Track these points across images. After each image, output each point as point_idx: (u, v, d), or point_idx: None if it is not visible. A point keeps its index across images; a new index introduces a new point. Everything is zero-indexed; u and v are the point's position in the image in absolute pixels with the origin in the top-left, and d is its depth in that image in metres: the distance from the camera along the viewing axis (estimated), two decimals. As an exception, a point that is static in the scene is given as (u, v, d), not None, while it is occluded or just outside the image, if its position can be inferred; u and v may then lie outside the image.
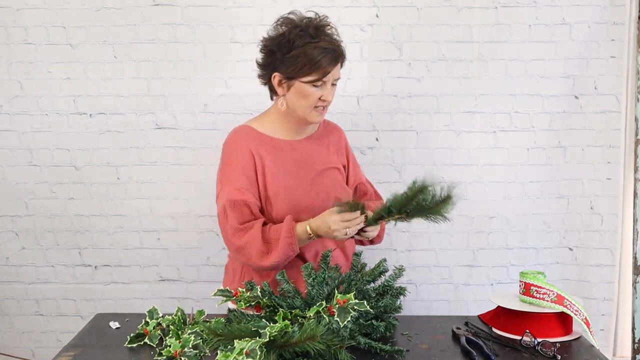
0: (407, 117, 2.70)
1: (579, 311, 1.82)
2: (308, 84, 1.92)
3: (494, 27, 2.65)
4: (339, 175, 2.11)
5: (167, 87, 2.67)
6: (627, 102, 2.62)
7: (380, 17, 2.65)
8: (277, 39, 1.94)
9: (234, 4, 2.62)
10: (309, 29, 1.92)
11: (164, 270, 2.78)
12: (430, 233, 2.76)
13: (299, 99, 1.95)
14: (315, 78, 1.91)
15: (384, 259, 1.89)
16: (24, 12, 2.62)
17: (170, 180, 2.72)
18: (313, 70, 1.90)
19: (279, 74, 1.95)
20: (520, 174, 2.72)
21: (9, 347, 2.78)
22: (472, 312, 2.43)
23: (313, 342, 1.49)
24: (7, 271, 2.76)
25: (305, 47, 1.90)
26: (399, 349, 1.66)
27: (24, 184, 2.71)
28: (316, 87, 1.93)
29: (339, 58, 1.95)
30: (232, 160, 2.00)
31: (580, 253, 2.76)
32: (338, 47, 1.94)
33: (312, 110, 1.97)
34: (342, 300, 1.61)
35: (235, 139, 2.03)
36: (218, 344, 1.53)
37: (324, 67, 1.90)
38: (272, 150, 2.01)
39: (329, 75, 1.92)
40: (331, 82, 1.95)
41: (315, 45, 1.89)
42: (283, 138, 2.05)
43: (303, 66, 1.90)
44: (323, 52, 1.90)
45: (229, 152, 2.02)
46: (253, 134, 2.03)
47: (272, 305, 1.73)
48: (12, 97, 2.67)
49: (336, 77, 1.96)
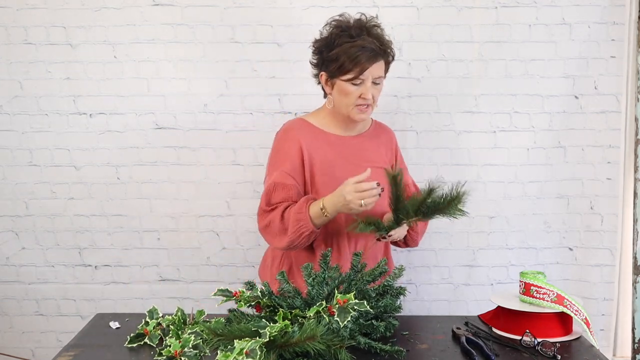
0: (407, 117, 2.70)
1: (579, 311, 1.82)
2: (347, 82, 1.99)
3: (494, 27, 2.65)
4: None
5: (167, 87, 2.66)
6: (627, 102, 2.62)
7: (380, 17, 2.63)
8: (324, 40, 2.04)
9: (234, 4, 2.62)
10: (351, 29, 1.99)
11: (164, 270, 2.78)
12: (430, 233, 2.75)
13: (340, 97, 2.02)
14: (353, 76, 1.97)
15: (384, 259, 1.89)
16: (24, 12, 2.62)
17: (170, 180, 2.72)
18: (350, 68, 1.97)
19: (325, 73, 2.04)
20: (520, 174, 2.72)
21: (9, 347, 2.78)
22: (472, 312, 2.43)
23: (313, 342, 1.49)
24: (7, 271, 2.76)
25: (344, 46, 1.97)
26: (398, 349, 1.66)
27: (24, 184, 2.71)
28: (355, 85, 1.99)
29: (377, 56, 1.99)
30: (281, 149, 2.09)
31: (580, 253, 2.76)
32: (378, 46, 1.98)
33: (354, 108, 2.03)
34: (342, 300, 1.61)
35: (286, 130, 2.12)
36: (218, 344, 1.53)
37: (360, 65, 1.96)
38: (323, 143, 2.08)
39: (366, 73, 1.97)
40: (371, 80, 2.00)
41: (353, 44, 1.96)
42: (335, 133, 2.11)
43: (342, 64, 1.97)
44: (359, 51, 1.95)
45: (279, 141, 2.11)
46: (306, 126, 2.11)
47: (272, 305, 1.73)
48: (12, 97, 2.67)
49: (376, 75, 2.00)
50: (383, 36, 2.04)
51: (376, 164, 2.11)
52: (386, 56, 2.04)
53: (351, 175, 1.95)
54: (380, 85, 2.05)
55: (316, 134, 2.10)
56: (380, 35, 2.03)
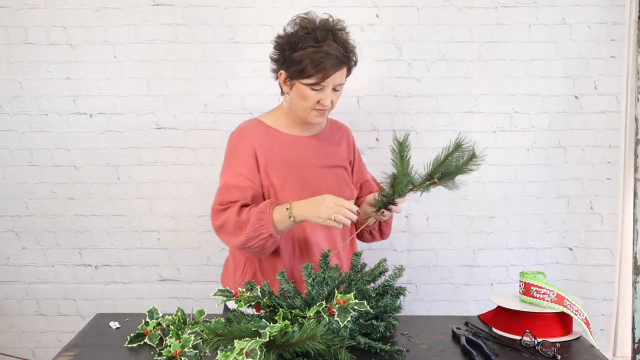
0: (407, 117, 2.70)
1: (579, 311, 1.82)
2: (307, 87, 1.93)
3: (494, 27, 2.65)
4: (345, 174, 2.12)
5: (167, 87, 2.67)
6: (627, 102, 2.62)
7: (380, 17, 2.65)
8: (288, 38, 1.96)
9: (234, 4, 2.62)
10: (317, 32, 1.92)
11: (164, 270, 2.78)
12: (430, 233, 2.76)
13: (298, 99, 1.97)
14: (314, 82, 1.92)
15: (384, 258, 1.89)
16: (24, 12, 2.62)
17: (170, 180, 2.72)
18: (312, 74, 1.90)
19: (284, 72, 1.97)
20: (520, 174, 2.72)
21: (9, 347, 2.78)
22: (472, 312, 2.43)
23: (313, 342, 1.49)
24: (7, 271, 2.76)
25: (308, 50, 1.90)
26: (398, 349, 1.66)
27: (24, 184, 2.71)
28: (315, 91, 1.94)
29: (341, 64, 1.93)
30: (235, 150, 2.03)
31: (580, 253, 2.76)
32: (343, 53, 1.92)
33: (312, 112, 1.98)
34: (342, 300, 1.61)
35: (241, 131, 2.06)
36: (218, 344, 1.53)
37: (323, 72, 1.90)
38: (278, 144, 2.04)
39: (328, 80, 1.92)
40: (331, 87, 1.95)
41: (318, 50, 1.89)
42: (291, 133, 2.07)
43: (304, 68, 1.91)
44: (324, 57, 1.89)
45: (234, 141, 2.05)
46: (261, 127, 2.06)
47: (272, 305, 1.73)
48: (12, 97, 2.67)
49: (338, 82, 1.95)
50: (348, 41, 1.97)
51: (333, 163, 2.09)
52: (349, 62, 1.97)
53: (311, 177, 1.98)
54: (340, 91, 1.99)
55: (271, 134, 2.05)
56: (345, 41, 1.95)
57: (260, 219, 1.88)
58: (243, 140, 2.02)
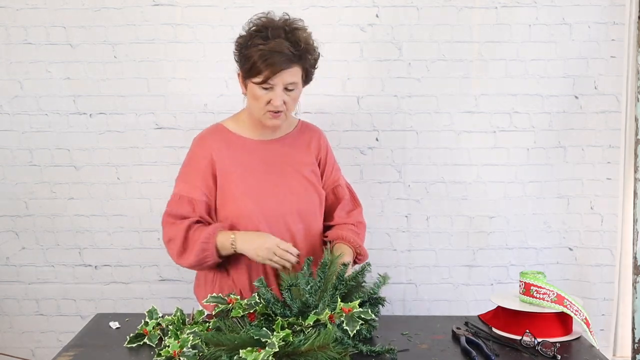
0: (407, 117, 2.70)
1: (579, 311, 1.82)
2: (257, 86, 1.91)
3: (494, 27, 2.64)
4: (312, 176, 2.08)
5: (167, 87, 2.66)
6: (627, 102, 2.61)
7: (380, 17, 2.65)
8: (242, 37, 1.95)
9: (234, 4, 2.62)
10: (268, 30, 1.89)
11: (164, 270, 2.77)
12: (430, 233, 2.76)
13: (252, 100, 1.96)
14: (261, 80, 1.89)
15: (368, 262, 1.89)
16: (24, 12, 2.62)
17: (170, 180, 2.70)
18: (259, 71, 1.88)
19: (241, 72, 1.97)
20: (520, 174, 2.72)
21: (9, 347, 2.78)
22: (472, 312, 2.43)
23: (325, 350, 1.48)
24: (7, 271, 2.76)
25: (256, 48, 1.88)
26: (389, 348, 1.66)
27: (24, 184, 2.71)
28: (265, 90, 1.91)
29: (290, 62, 1.88)
30: (193, 158, 2.04)
31: (580, 253, 2.76)
32: (292, 51, 1.87)
33: (266, 113, 1.95)
34: (347, 309, 1.60)
35: (201, 138, 2.06)
36: (220, 354, 1.53)
37: (268, 69, 1.87)
38: (239, 150, 2.02)
39: (276, 79, 1.88)
40: (282, 86, 1.90)
41: (262, 48, 1.87)
42: (253, 138, 2.05)
43: (252, 66, 1.89)
44: (269, 54, 1.86)
45: (193, 149, 2.06)
46: (222, 134, 2.05)
47: (265, 313, 1.73)
48: (12, 97, 2.67)
49: (288, 81, 1.90)
50: (306, 40, 1.92)
51: (298, 167, 2.05)
52: (303, 62, 1.91)
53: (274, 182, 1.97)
54: (294, 92, 1.93)
55: (232, 140, 2.03)
56: (298, 40, 1.89)
57: (204, 249, 1.93)
58: (201, 150, 2.03)
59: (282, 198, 2.00)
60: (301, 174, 2.06)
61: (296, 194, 2.01)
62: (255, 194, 1.98)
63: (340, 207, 2.14)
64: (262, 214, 1.97)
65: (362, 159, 2.68)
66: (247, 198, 1.98)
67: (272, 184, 2.01)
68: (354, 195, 2.22)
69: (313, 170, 2.09)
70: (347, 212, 2.15)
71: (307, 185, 2.06)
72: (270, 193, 2.00)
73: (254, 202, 1.98)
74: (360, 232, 2.15)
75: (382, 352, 1.66)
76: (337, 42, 2.63)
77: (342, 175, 2.21)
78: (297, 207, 2.01)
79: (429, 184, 2.72)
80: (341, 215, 2.14)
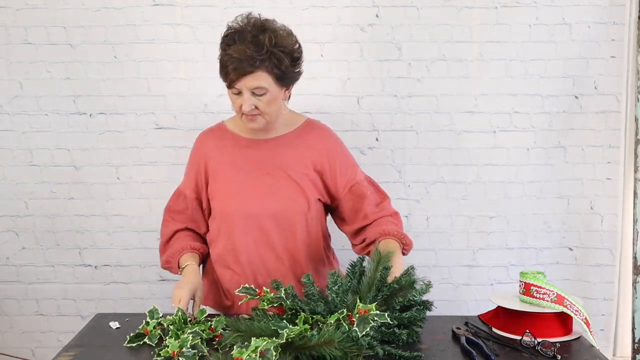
0: (407, 117, 2.70)
1: (579, 311, 1.82)
2: (229, 90, 1.93)
3: (494, 27, 2.64)
4: (305, 181, 2.02)
5: (167, 87, 2.66)
6: (627, 102, 2.61)
7: (380, 17, 2.65)
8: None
9: (234, 4, 2.62)
10: (235, 34, 1.87)
11: (164, 270, 2.76)
12: (430, 233, 2.76)
13: (231, 102, 1.98)
14: (227, 85, 1.91)
15: (412, 266, 1.85)
16: (24, 12, 2.62)
17: (170, 180, 2.71)
18: (224, 77, 1.90)
19: None
20: (520, 174, 2.72)
21: (9, 347, 2.78)
22: (472, 312, 2.43)
23: (330, 346, 1.48)
24: (7, 271, 2.76)
25: (222, 53, 1.90)
26: (417, 354, 1.63)
27: (24, 184, 2.71)
28: (235, 95, 1.92)
29: (249, 67, 1.83)
30: (190, 156, 2.14)
31: (580, 253, 2.76)
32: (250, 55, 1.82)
33: (242, 116, 1.95)
34: (363, 310, 1.60)
35: (199, 137, 2.15)
36: (237, 340, 1.53)
37: (229, 75, 1.87)
38: (232, 148, 2.05)
39: (239, 84, 1.87)
40: (248, 92, 1.88)
41: (227, 53, 1.87)
42: (249, 136, 2.06)
43: (220, 72, 1.91)
44: (229, 61, 1.85)
45: (192, 150, 2.15)
46: (219, 132, 2.10)
47: (294, 308, 1.73)
48: (12, 97, 2.67)
49: (252, 86, 1.86)
50: (274, 42, 1.85)
51: (289, 167, 2.01)
52: (268, 65, 1.85)
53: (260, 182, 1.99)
54: (265, 96, 1.88)
55: (227, 138, 2.06)
56: (262, 44, 1.84)
57: (167, 261, 2.08)
58: (196, 149, 2.12)
59: (260, 198, 1.99)
60: (289, 176, 2.01)
61: (277, 196, 1.99)
62: (237, 193, 2.00)
63: (367, 203, 2.05)
64: (241, 213, 1.99)
65: (362, 159, 2.67)
66: (229, 196, 2.01)
67: (255, 183, 2.00)
68: (378, 187, 2.14)
69: (307, 174, 2.02)
70: (377, 205, 2.08)
71: (294, 188, 2.01)
72: (251, 193, 2.00)
73: (235, 201, 2.00)
74: (398, 222, 2.10)
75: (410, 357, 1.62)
76: (337, 42, 2.63)
77: (359, 171, 2.12)
78: (274, 209, 1.98)
79: (429, 184, 2.72)
80: (374, 210, 2.06)
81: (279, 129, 2.06)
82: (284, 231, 2.00)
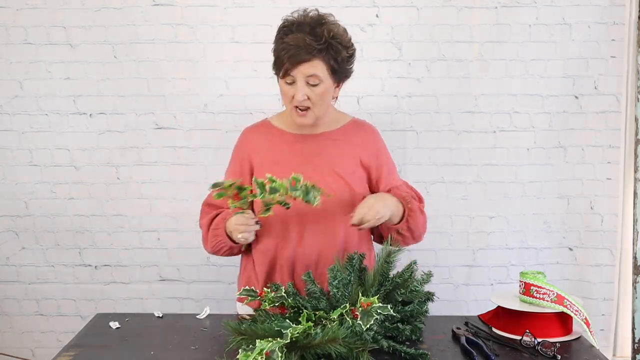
0: (407, 117, 2.70)
1: (579, 311, 1.82)
2: (282, 81, 1.93)
3: (494, 27, 2.65)
4: (352, 177, 2.02)
5: (167, 87, 2.67)
6: (627, 102, 2.62)
7: (380, 17, 2.65)
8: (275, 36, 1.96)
9: (234, 4, 2.62)
10: (293, 25, 1.90)
11: (164, 270, 2.78)
12: (430, 233, 2.75)
13: (282, 97, 1.98)
14: (282, 74, 1.90)
15: (415, 261, 1.84)
16: (24, 12, 2.62)
17: (170, 180, 2.72)
18: (279, 65, 1.90)
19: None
20: (520, 174, 2.72)
21: (9, 347, 2.78)
22: (472, 312, 2.43)
23: (335, 344, 1.48)
24: (7, 271, 2.76)
25: (278, 42, 1.91)
26: (423, 352, 1.63)
27: (24, 184, 2.71)
28: (288, 85, 1.92)
29: (307, 54, 1.85)
30: (234, 151, 2.11)
31: (580, 253, 2.76)
32: (308, 43, 1.84)
33: (292, 110, 1.95)
34: (366, 304, 1.60)
35: (242, 132, 2.13)
36: (241, 343, 1.53)
37: (284, 63, 1.87)
38: (277, 143, 2.04)
39: (295, 72, 1.88)
40: (303, 80, 1.89)
41: (284, 41, 1.88)
42: (294, 132, 2.05)
43: (275, 61, 1.92)
44: (285, 48, 1.87)
45: (236, 144, 2.13)
46: (264, 128, 2.09)
47: (296, 306, 1.73)
48: (12, 97, 2.67)
49: (308, 74, 1.87)
50: (332, 34, 1.88)
51: (333, 163, 2.01)
52: (325, 55, 1.87)
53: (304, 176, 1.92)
54: (318, 87, 1.90)
55: (272, 134, 2.05)
56: (322, 34, 1.86)
57: (215, 235, 2.00)
58: (240, 143, 2.11)
59: None
60: (336, 172, 2.01)
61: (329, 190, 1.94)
62: None
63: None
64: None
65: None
66: None
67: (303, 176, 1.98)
68: (416, 191, 2.13)
69: (355, 171, 2.03)
70: None
71: (339, 183, 2.00)
72: None
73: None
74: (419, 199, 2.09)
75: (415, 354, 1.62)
76: (337, 42, 2.63)
77: (397, 176, 2.14)
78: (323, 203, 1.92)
79: (429, 184, 2.73)
80: None
81: (326, 125, 2.07)
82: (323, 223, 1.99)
